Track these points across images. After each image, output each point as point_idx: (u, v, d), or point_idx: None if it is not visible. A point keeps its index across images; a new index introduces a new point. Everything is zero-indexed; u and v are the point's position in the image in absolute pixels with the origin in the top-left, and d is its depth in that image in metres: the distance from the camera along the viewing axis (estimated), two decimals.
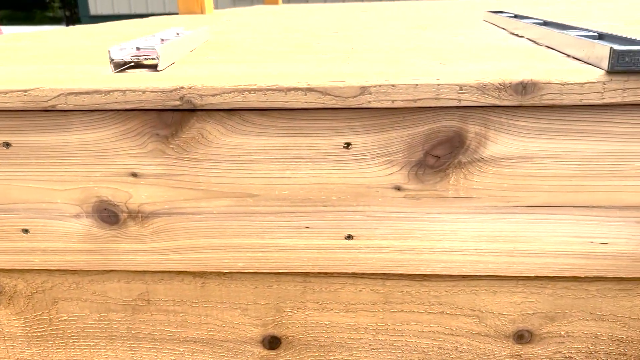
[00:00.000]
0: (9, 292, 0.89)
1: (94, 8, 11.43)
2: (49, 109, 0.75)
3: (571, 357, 0.86)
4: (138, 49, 0.87)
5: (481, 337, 0.86)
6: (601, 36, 0.84)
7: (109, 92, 0.74)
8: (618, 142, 0.73)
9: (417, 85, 0.70)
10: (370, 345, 0.87)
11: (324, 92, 0.71)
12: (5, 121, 0.79)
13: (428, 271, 0.81)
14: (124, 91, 0.74)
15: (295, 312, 0.87)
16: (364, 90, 0.71)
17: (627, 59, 0.67)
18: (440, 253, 0.80)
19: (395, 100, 0.71)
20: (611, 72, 0.69)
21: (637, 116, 0.72)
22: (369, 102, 0.71)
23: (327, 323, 0.87)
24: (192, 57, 0.98)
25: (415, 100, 0.71)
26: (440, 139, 0.74)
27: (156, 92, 0.73)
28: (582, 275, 0.80)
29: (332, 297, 0.85)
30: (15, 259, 0.86)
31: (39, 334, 0.91)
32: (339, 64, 0.84)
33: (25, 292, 0.89)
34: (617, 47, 0.68)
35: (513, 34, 1.22)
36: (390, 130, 0.75)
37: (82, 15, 11.45)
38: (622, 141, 0.73)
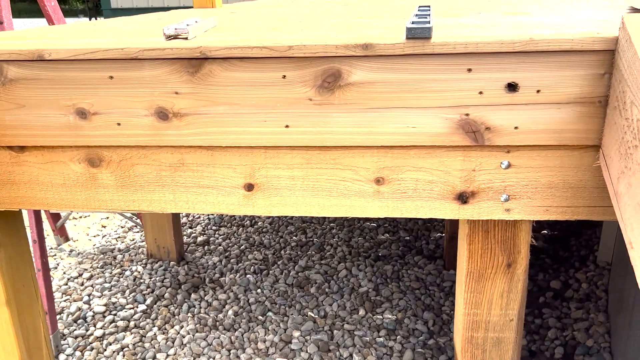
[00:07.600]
0: (107, 160, 1.65)
1: (115, 2, 12.30)
2: (133, 57, 1.51)
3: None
4: (176, 29, 1.62)
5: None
6: None
7: (164, 49, 1.49)
8: None
9: None
10: (300, 188, 1.62)
11: (270, 48, 1.45)
12: (115, 64, 1.54)
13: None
14: (172, 48, 1.49)
15: (261, 170, 1.62)
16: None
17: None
18: None
19: None
20: None
21: None
22: None
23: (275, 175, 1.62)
24: (205, 34, 1.73)
25: None
26: None
27: (187, 49, 1.48)
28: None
29: (278, 161, 1.60)
30: (112, 140, 1.61)
31: (123, 184, 1.67)
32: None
33: (116, 160, 1.65)
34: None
35: None
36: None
37: (104, 8, 12.33)
38: None
